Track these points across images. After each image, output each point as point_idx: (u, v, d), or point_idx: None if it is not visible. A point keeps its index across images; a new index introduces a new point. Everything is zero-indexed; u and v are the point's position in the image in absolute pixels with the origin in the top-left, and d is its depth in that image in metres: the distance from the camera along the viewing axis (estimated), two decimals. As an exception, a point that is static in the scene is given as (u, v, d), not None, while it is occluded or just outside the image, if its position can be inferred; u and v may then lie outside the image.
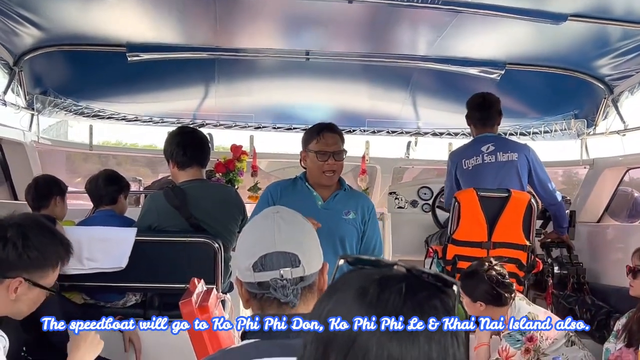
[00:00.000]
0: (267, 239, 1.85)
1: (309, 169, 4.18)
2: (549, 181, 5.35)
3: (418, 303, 1.07)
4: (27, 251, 2.53)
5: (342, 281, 1.16)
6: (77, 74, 6.42)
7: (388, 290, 1.08)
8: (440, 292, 1.11)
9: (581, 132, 6.64)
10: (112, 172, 5.01)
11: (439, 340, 1.06)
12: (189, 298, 2.96)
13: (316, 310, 1.15)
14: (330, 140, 4.10)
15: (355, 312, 1.08)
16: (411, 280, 1.11)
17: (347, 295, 1.11)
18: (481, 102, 5.35)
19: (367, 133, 7.52)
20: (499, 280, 4.26)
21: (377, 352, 1.04)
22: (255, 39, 5.96)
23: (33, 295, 2.61)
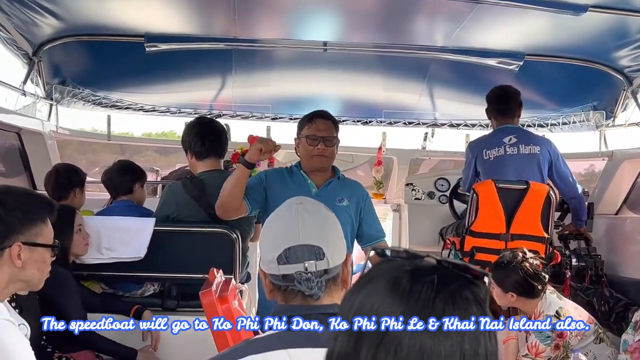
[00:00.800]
0: (291, 231, 1.85)
1: (301, 155, 4.20)
2: (570, 174, 5.33)
3: (450, 294, 1.08)
4: (10, 214, 2.54)
5: (373, 272, 1.16)
6: (96, 64, 6.45)
7: (420, 281, 1.09)
8: (471, 283, 1.11)
9: (600, 124, 6.59)
10: (125, 162, 5.01)
11: (471, 332, 1.06)
12: (208, 288, 2.97)
13: (347, 302, 1.15)
14: (322, 125, 4.12)
15: (387, 303, 1.08)
16: (442, 272, 1.11)
17: (378, 286, 1.11)
18: (500, 95, 5.34)
19: (384, 124, 7.50)
20: (532, 272, 4.24)
21: (409, 343, 1.04)
22: (272, 30, 5.96)
23: (38, 256, 2.62)
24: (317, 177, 4.20)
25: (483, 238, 4.96)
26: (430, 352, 1.03)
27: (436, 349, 1.03)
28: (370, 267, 1.19)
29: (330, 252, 1.85)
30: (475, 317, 1.08)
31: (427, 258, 1.15)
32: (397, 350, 1.04)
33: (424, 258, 1.15)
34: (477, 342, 1.07)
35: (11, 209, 2.55)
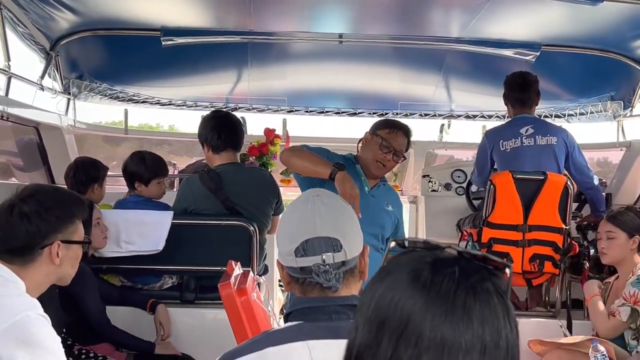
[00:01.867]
0: (308, 224, 1.86)
1: (364, 149, 4.16)
2: (586, 165, 5.30)
3: (471, 286, 1.07)
4: (50, 214, 2.58)
5: (394, 263, 1.16)
6: (113, 59, 6.49)
7: (441, 273, 1.08)
8: (493, 274, 1.11)
9: (617, 114, 6.56)
10: (140, 153, 4.87)
11: (492, 323, 1.06)
12: (227, 280, 2.99)
13: (368, 293, 1.15)
14: (401, 140, 4.12)
15: (408, 294, 1.08)
16: (463, 263, 1.10)
17: (399, 278, 1.11)
18: (521, 82, 5.28)
19: (400, 116, 7.47)
20: None
21: (430, 334, 1.04)
22: (287, 23, 5.96)
23: (73, 253, 2.66)
24: (368, 177, 4.17)
25: (500, 229, 4.94)
26: (451, 344, 1.03)
27: (457, 341, 1.03)
28: (390, 259, 1.19)
29: (348, 243, 1.85)
30: (496, 309, 1.08)
31: (448, 249, 1.15)
32: (417, 341, 1.04)
33: (445, 249, 1.15)
34: (498, 333, 1.06)
35: (50, 208, 2.59)
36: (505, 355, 1.07)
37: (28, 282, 2.53)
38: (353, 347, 1.13)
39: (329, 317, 1.79)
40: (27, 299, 2.46)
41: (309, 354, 1.69)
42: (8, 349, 2.28)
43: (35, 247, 2.56)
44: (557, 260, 4.93)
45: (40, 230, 2.56)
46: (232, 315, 2.93)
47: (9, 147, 6.15)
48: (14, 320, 2.31)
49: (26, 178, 6.15)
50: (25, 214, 2.55)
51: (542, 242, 4.90)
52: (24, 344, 2.31)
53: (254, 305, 3.06)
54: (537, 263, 4.92)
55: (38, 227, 2.56)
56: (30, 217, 2.55)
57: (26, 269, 2.55)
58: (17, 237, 2.54)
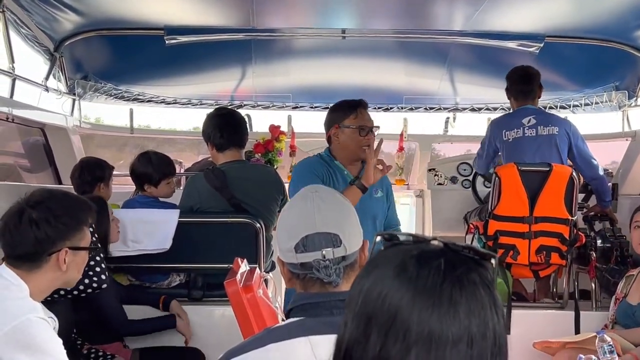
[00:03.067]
0: (307, 219, 1.87)
1: (342, 144, 4.09)
2: (591, 156, 5.28)
3: (457, 278, 1.08)
4: (59, 221, 2.59)
5: (380, 258, 1.17)
6: (117, 59, 6.52)
7: (427, 266, 1.09)
8: (479, 265, 1.11)
9: (622, 104, 6.55)
10: (147, 153, 4.88)
11: (478, 314, 1.07)
12: (233, 277, 3.00)
13: (355, 287, 1.16)
14: (367, 115, 4.11)
15: (395, 288, 1.08)
16: (449, 256, 1.11)
17: (385, 272, 1.12)
18: (523, 75, 5.30)
19: (405, 110, 7.49)
20: None
21: (417, 328, 1.04)
22: (291, 19, 5.97)
23: (80, 258, 2.68)
24: (352, 168, 4.15)
25: (506, 222, 4.94)
26: (438, 336, 1.04)
27: (444, 334, 1.04)
28: (377, 252, 1.20)
29: (347, 238, 1.86)
30: (483, 300, 1.08)
31: (433, 242, 1.16)
32: (405, 335, 1.05)
33: (430, 242, 1.16)
34: (485, 324, 1.07)
35: (59, 216, 2.61)
36: (493, 345, 1.08)
37: (33, 286, 2.55)
38: (342, 342, 1.14)
39: (330, 313, 1.79)
40: (28, 302, 2.48)
41: (311, 349, 1.69)
42: (9, 352, 2.31)
43: (43, 253, 2.57)
44: (563, 251, 4.93)
45: (49, 237, 2.57)
46: (239, 312, 2.94)
47: (15, 148, 6.18)
48: (14, 323, 2.34)
49: (33, 179, 6.18)
50: (35, 220, 2.56)
51: (549, 234, 4.90)
52: (24, 347, 2.33)
53: (261, 301, 3.06)
54: (543, 255, 4.91)
55: (47, 234, 2.57)
56: (39, 224, 2.56)
57: (32, 273, 2.57)
58: (25, 243, 2.55)
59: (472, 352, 1.05)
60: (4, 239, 2.60)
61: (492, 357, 1.08)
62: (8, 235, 2.58)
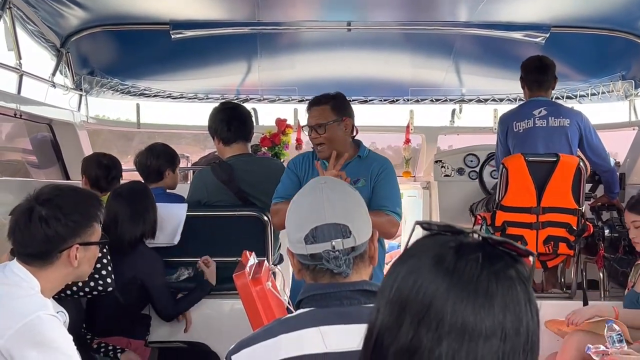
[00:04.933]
0: (317, 211, 1.87)
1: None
2: (602, 147, 5.26)
3: (494, 272, 1.08)
4: (69, 218, 2.59)
5: (417, 247, 1.17)
6: (123, 54, 6.53)
7: (465, 258, 1.09)
8: (516, 261, 1.11)
9: (629, 94, 6.54)
10: (154, 145, 4.98)
11: (513, 310, 1.07)
12: (242, 270, 3.01)
13: (390, 275, 1.16)
14: (314, 112, 3.96)
15: (431, 278, 1.09)
16: (487, 249, 1.11)
17: (422, 262, 1.12)
18: (539, 65, 5.25)
19: (411, 102, 7.48)
20: None
21: (451, 319, 1.05)
22: (296, 12, 5.97)
23: (90, 253, 2.69)
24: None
25: (514, 212, 4.94)
26: (472, 329, 1.05)
27: (478, 327, 1.05)
28: (414, 242, 1.20)
29: (357, 229, 1.86)
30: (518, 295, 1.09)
31: (472, 234, 1.16)
32: (438, 326, 1.05)
33: (469, 234, 1.16)
34: (519, 320, 1.07)
35: (70, 213, 2.60)
36: (525, 342, 1.08)
37: (44, 282, 2.55)
38: (374, 328, 1.14)
39: (340, 303, 1.80)
40: (38, 299, 2.48)
41: (322, 339, 1.70)
42: (20, 349, 2.32)
43: (54, 251, 2.57)
44: (571, 241, 4.92)
45: (59, 234, 2.57)
46: (248, 304, 2.96)
47: (23, 144, 6.21)
48: (25, 321, 2.35)
49: (41, 175, 6.21)
50: (44, 218, 2.56)
51: (556, 224, 4.89)
52: (35, 345, 2.34)
53: (269, 294, 3.08)
54: (551, 245, 4.91)
55: (57, 231, 2.57)
56: (49, 222, 2.56)
57: (44, 270, 2.57)
58: (35, 241, 2.55)
59: (504, 347, 1.06)
60: (14, 237, 2.60)
61: (524, 353, 1.08)
62: (19, 233, 2.58)
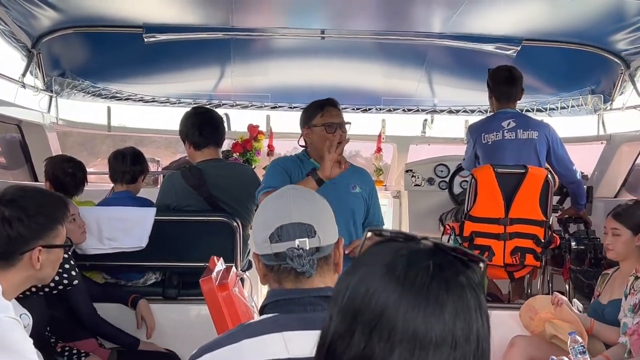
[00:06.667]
0: (283, 211, 1.89)
1: (314, 144, 4.18)
2: (569, 160, 5.32)
3: (445, 280, 1.08)
4: (33, 220, 2.57)
5: (369, 254, 1.17)
6: (95, 56, 6.48)
7: (416, 266, 1.09)
8: (467, 268, 1.12)
9: (598, 108, 6.62)
10: (138, 151, 4.93)
11: (464, 317, 1.07)
12: (209, 276, 3.00)
13: (342, 282, 1.16)
14: (335, 112, 4.16)
15: (382, 287, 1.09)
16: (439, 257, 1.11)
17: (374, 269, 1.12)
18: (509, 77, 5.29)
19: (383, 111, 7.51)
20: None
21: (403, 327, 1.05)
22: (270, 19, 5.97)
23: (54, 256, 2.66)
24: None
25: (482, 223, 4.97)
26: (423, 337, 1.05)
27: (429, 335, 1.05)
28: (366, 249, 1.20)
29: (322, 230, 1.88)
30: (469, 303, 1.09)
31: (424, 241, 1.16)
32: (390, 334, 1.05)
33: (421, 241, 1.16)
34: (469, 327, 1.08)
35: (33, 215, 2.57)
36: (476, 349, 1.09)
37: (6, 284, 2.52)
38: (326, 336, 1.14)
39: (303, 309, 1.80)
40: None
41: (285, 345, 1.70)
42: None
43: (16, 252, 2.54)
44: (538, 253, 4.96)
45: (22, 236, 2.55)
46: (214, 310, 2.95)
47: (-10, 144, 6.15)
48: None
49: (9, 176, 6.14)
50: (7, 219, 2.53)
51: (523, 235, 4.93)
52: None
53: (236, 300, 3.07)
54: (518, 256, 4.94)
55: (19, 232, 2.54)
56: (12, 223, 2.53)
57: (5, 272, 2.54)
58: None
59: (455, 354, 1.06)
60: None
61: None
62: None
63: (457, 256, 1.12)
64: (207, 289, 2.95)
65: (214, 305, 2.94)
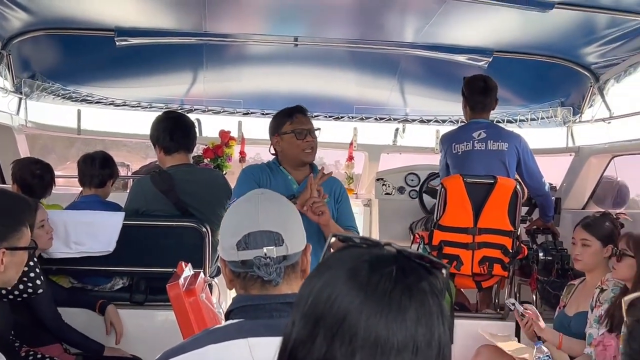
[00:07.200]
0: (251, 218, 1.88)
1: (284, 151, 4.14)
2: (538, 172, 5.36)
3: (407, 286, 1.09)
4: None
5: (332, 259, 1.17)
6: (66, 58, 6.42)
7: (379, 272, 1.10)
8: (430, 274, 1.12)
9: (567, 120, 6.69)
10: (108, 155, 4.91)
11: (425, 323, 1.08)
12: (176, 281, 2.99)
13: (305, 287, 1.16)
14: (303, 119, 4.13)
15: (345, 292, 1.09)
16: (402, 262, 1.12)
17: (337, 275, 1.12)
18: (483, 87, 5.32)
19: (355, 120, 7.54)
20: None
21: (364, 333, 1.05)
22: (243, 25, 5.95)
23: (18, 258, 2.64)
24: (297, 173, 4.17)
25: (451, 232, 4.98)
26: (384, 342, 1.05)
27: (390, 340, 1.05)
28: (330, 254, 1.20)
29: (290, 239, 1.87)
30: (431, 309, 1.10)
31: (387, 247, 1.16)
32: (352, 340, 1.06)
33: (384, 247, 1.16)
34: (430, 333, 1.08)
35: None
36: (437, 355, 1.09)
37: None
38: (288, 342, 1.14)
39: (269, 315, 1.80)
40: None
41: (249, 351, 1.69)
42: None
43: None
44: (506, 263, 4.98)
45: None
46: (180, 316, 2.93)
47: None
48: None
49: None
50: None
51: (492, 245, 4.95)
52: None
53: (203, 306, 3.05)
54: (486, 265, 4.96)
55: None
56: None
57: None
58: None
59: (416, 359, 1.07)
60: None
61: None
62: None
63: (420, 262, 1.13)
64: (173, 294, 2.94)
65: (181, 311, 2.93)
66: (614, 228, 4.44)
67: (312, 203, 3.83)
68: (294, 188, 4.12)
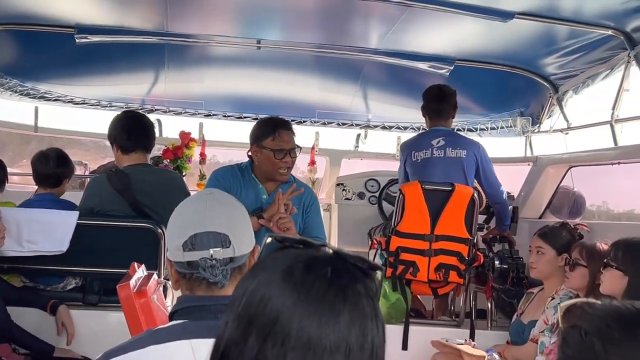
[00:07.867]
0: (198, 218, 1.86)
1: (260, 163, 4.11)
2: (496, 180, 5.42)
3: (342, 288, 1.09)
4: None
5: (268, 260, 1.17)
6: (24, 55, 6.32)
7: (314, 273, 1.10)
8: (365, 276, 1.12)
9: (526, 130, 6.77)
10: (62, 152, 4.84)
11: (359, 325, 1.08)
12: (127, 282, 2.95)
13: (240, 288, 1.16)
14: (286, 137, 4.08)
15: (279, 292, 1.08)
16: (337, 264, 1.11)
17: (272, 275, 1.12)
18: (437, 94, 5.38)
19: (317, 124, 7.54)
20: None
21: (297, 334, 1.05)
22: (206, 26, 5.92)
23: None
24: (269, 184, 4.16)
25: (408, 238, 5.00)
26: (316, 344, 1.05)
27: (322, 342, 1.05)
28: (266, 255, 1.20)
29: (237, 240, 1.86)
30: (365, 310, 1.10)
31: (323, 248, 1.16)
32: (284, 341, 1.05)
33: (320, 248, 1.16)
34: (364, 335, 1.08)
35: None
36: (370, 356, 1.09)
37: None
38: (221, 343, 1.14)
39: (214, 316, 1.78)
40: None
41: (192, 353, 1.68)
42: None
43: None
44: (462, 270, 5.01)
45: None
46: (130, 317, 2.90)
47: None
48: None
49: None
50: None
51: (448, 252, 4.97)
52: None
53: (154, 307, 3.02)
54: (442, 272, 4.99)
55: None
56: None
57: None
58: None
59: None
60: None
61: None
62: None
63: (356, 264, 1.13)
64: (124, 295, 2.90)
65: (131, 312, 2.89)
66: (571, 238, 4.51)
67: (278, 219, 3.83)
68: (263, 198, 4.11)
